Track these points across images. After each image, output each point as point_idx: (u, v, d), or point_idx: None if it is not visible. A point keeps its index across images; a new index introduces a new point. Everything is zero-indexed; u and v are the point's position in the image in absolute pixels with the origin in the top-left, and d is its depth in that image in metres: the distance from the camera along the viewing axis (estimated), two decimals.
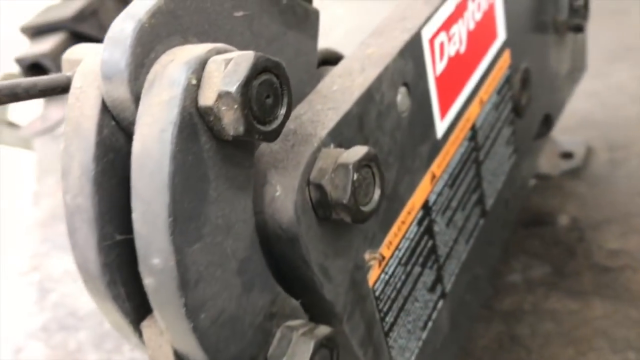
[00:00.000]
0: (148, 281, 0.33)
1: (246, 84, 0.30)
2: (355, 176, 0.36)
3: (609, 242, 0.97)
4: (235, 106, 0.30)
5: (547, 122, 0.90)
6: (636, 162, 1.12)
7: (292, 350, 0.38)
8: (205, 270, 0.33)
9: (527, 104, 0.75)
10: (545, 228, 1.04)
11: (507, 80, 0.68)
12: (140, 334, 0.37)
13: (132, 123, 0.33)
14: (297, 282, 0.40)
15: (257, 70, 0.30)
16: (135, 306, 0.36)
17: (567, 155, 1.16)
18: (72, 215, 0.34)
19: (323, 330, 0.39)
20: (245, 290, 0.36)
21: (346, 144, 0.40)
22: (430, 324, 0.57)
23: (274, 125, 0.32)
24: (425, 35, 0.49)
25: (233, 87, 0.30)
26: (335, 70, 0.45)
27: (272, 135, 0.33)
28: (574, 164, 1.14)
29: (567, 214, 1.05)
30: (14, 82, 0.34)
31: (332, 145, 0.39)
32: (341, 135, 0.40)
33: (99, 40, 0.37)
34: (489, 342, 0.88)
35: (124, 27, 0.32)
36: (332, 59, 0.51)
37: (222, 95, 0.30)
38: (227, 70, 0.30)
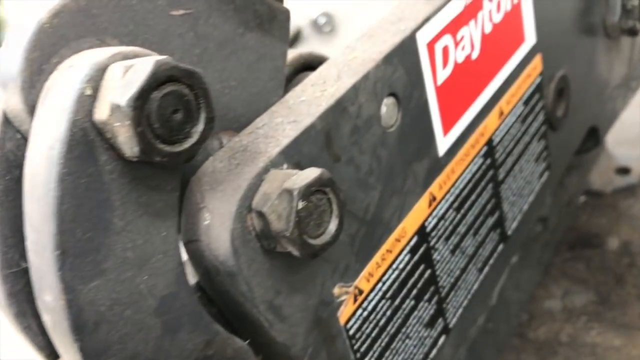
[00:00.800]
0: (45, 318, 0.28)
1: (140, 97, 0.25)
2: (301, 204, 0.31)
3: None
4: (128, 122, 0.25)
5: (594, 136, 0.81)
6: None
7: None
8: (108, 311, 0.28)
9: (565, 116, 0.67)
10: (593, 251, 0.95)
11: (538, 89, 0.61)
12: None
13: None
14: (242, 321, 0.35)
15: (158, 80, 0.25)
16: (49, 342, 0.32)
17: (623, 171, 1.06)
18: None
19: None
20: (167, 332, 0.31)
21: (307, 164, 0.35)
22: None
23: (186, 145, 0.27)
24: (422, 38, 0.43)
25: (124, 100, 0.25)
26: (310, 78, 0.40)
27: (183, 157, 0.28)
28: (630, 180, 1.04)
29: (618, 237, 0.95)
30: None
31: (285, 166, 0.33)
32: (299, 154, 0.34)
33: None
34: None
35: (23, 26, 0.28)
36: (315, 63, 0.46)
37: (114, 109, 0.25)
38: (124, 79, 0.25)
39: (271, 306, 0.34)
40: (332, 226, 0.33)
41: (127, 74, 0.26)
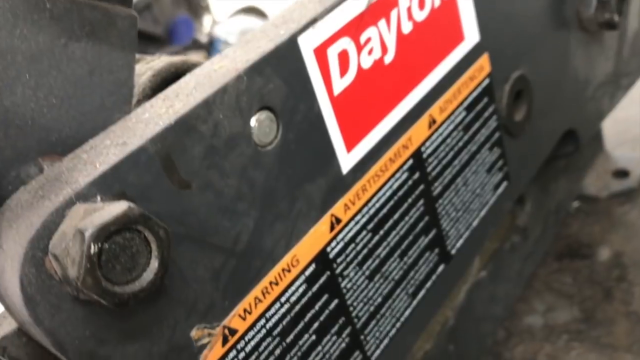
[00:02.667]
0: None
1: None
2: (95, 248, 0.26)
3: None
4: None
5: (573, 140, 0.75)
6: None
7: None
8: None
9: (527, 121, 0.61)
10: (581, 262, 0.88)
11: (486, 93, 0.55)
12: None
13: None
14: None
15: None
16: None
17: (622, 174, 0.98)
18: None
19: None
20: None
21: (138, 193, 0.30)
22: None
23: None
24: (307, 44, 0.38)
25: None
26: (165, 91, 0.35)
27: None
28: (628, 184, 0.96)
29: (610, 247, 0.88)
30: None
31: (99, 198, 0.29)
32: (123, 183, 0.30)
33: (153, 35, 0.29)
34: None
35: None
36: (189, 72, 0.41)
37: None
38: None
39: (94, 357, 0.30)
40: (151, 270, 0.28)
41: None
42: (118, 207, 0.27)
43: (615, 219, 0.92)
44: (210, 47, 1.83)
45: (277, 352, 0.40)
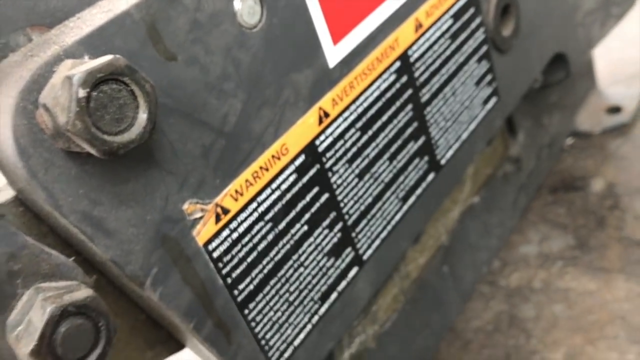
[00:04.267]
0: None
1: None
2: (82, 92, 0.27)
3: None
4: None
5: (564, 65, 0.75)
6: None
7: (29, 317, 0.30)
8: None
9: (514, 37, 0.62)
10: (575, 194, 0.89)
11: (473, 3, 0.55)
12: None
13: None
14: (62, 234, 0.32)
15: None
16: None
17: (614, 110, 0.99)
18: None
19: (79, 294, 0.30)
20: None
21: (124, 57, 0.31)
22: (334, 295, 0.46)
23: None
24: None
25: None
26: None
27: None
28: (620, 119, 0.97)
29: (603, 178, 0.89)
30: None
31: (86, 57, 0.30)
32: (109, 45, 0.31)
33: None
34: (484, 323, 0.75)
35: None
36: None
37: None
38: None
39: (87, 217, 0.31)
40: (139, 123, 0.29)
41: None
42: (104, 58, 0.28)
43: (609, 152, 0.93)
44: None
45: (270, 237, 0.41)
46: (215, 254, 0.38)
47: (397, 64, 0.48)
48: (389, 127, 0.49)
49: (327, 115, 0.43)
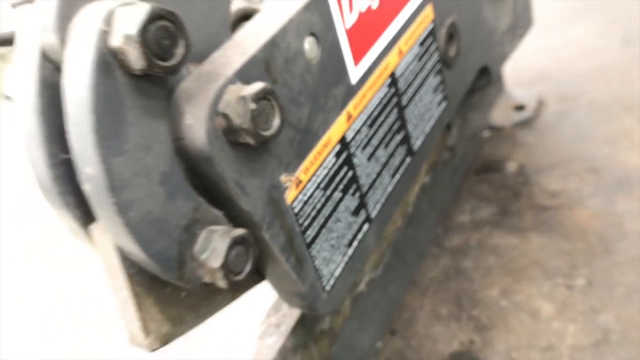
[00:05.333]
0: (85, 187, 0.42)
1: (144, 28, 0.39)
2: (253, 105, 0.45)
3: (550, 185, 1.06)
4: (137, 45, 0.39)
5: (487, 74, 0.99)
6: (583, 112, 1.20)
7: (212, 246, 0.48)
8: (130, 178, 0.42)
9: (457, 56, 0.84)
10: (494, 174, 1.13)
11: (431, 34, 0.77)
12: (89, 235, 0.47)
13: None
14: (219, 195, 0.50)
15: (153, 17, 0.39)
16: (84, 212, 0.46)
17: (520, 108, 1.25)
18: (27, 139, 0.44)
19: (238, 231, 0.49)
20: (169, 198, 0.46)
21: (253, 81, 0.50)
22: (355, 243, 0.66)
23: (173, 61, 0.42)
24: None
25: (134, 30, 0.39)
26: (249, 24, 0.54)
27: (172, 70, 0.42)
28: (525, 115, 1.23)
29: (515, 161, 1.14)
30: None
31: (238, 83, 0.48)
32: (248, 75, 0.49)
33: None
34: (437, 274, 0.98)
35: None
36: (251, 14, 0.60)
37: (126, 38, 0.39)
38: (129, 18, 0.39)
39: (237, 184, 0.49)
40: (276, 123, 0.48)
41: (131, 15, 0.39)
42: (260, 84, 0.46)
43: (518, 141, 1.19)
44: None
45: (322, 199, 0.60)
46: (295, 210, 0.57)
47: (389, 80, 0.69)
48: (384, 124, 0.69)
49: (350, 116, 0.63)
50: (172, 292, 0.49)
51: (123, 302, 0.47)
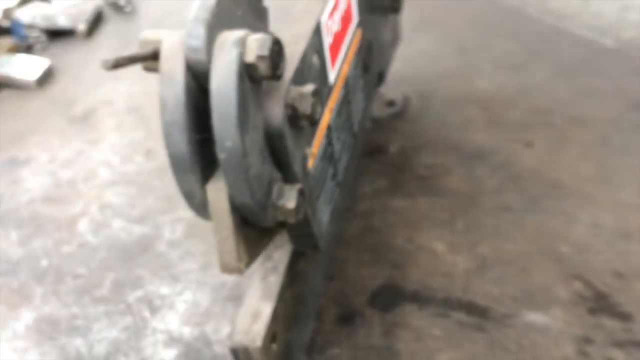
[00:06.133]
0: (222, 156, 0.63)
1: (271, 50, 0.61)
2: (312, 99, 0.69)
3: (425, 160, 1.38)
4: (267, 61, 0.61)
5: (380, 77, 1.29)
6: (439, 106, 1.55)
7: (286, 195, 0.70)
8: (250, 149, 0.64)
9: (371, 64, 1.13)
10: (382, 155, 1.43)
11: (361, 49, 1.05)
12: (204, 192, 0.67)
13: (204, 74, 0.62)
14: (282, 161, 0.72)
15: (273, 42, 0.62)
16: (204, 176, 0.66)
17: (391, 104, 1.56)
18: (169, 126, 0.63)
19: (298, 185, 0.72)
20: (263, 162, 0.67)
21: (301, 84, 0.73)
22: (333, 200, 0.92)
23: (280, 71, 0.64)
24: (322, 20, 0.83)
25: (266, 52, 0.61)
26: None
27: (279, 77, 0.64)
28: (396, 109, 1.54)
29: (396, 144, 1.45)
30: (130, 54, 0.62)
31: (294, 85, 0.71)
32: (296, 79, 0.72)
33: None
34: (355, 232, 1.25)
35: (198, 18, 0.62)
36: None
37: (259, 56, 0.61)
38: (259, 43, 0.61)
39: (293, 154, 0.72)
40: (320, 111, 0.72)
41: (259, 41, 0.61)
42: (312, 85, 0.70)
43: (394, 129, 1.51)
44: (13, 31, 1.96)
45: (320, 167, 0.85)
46: (312, 174, 0.80)
47: (344, 82, 0.95)
48: (343, 114, 0.95)
49: (330, 109, 0.88)
50: (252, 232, 0.71)
51: (223, 239, 0.68)
